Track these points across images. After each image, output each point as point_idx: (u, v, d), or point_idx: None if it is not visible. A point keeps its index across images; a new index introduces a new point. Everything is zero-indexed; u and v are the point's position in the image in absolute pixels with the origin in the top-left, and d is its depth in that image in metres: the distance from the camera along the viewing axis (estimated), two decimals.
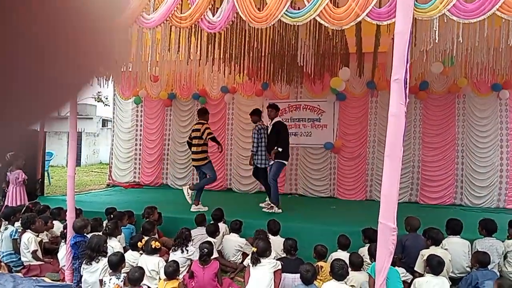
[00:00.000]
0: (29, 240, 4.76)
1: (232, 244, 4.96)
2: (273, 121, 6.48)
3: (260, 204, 6.58)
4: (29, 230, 4.86)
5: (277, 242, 4.59)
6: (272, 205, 6.29)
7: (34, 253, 4.76)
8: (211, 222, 5.19)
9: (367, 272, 3.73)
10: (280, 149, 6.24)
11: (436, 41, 3.89)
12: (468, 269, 4.38)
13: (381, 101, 8.12)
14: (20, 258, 4.91)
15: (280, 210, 6.24)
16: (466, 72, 7.03)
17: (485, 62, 6.04)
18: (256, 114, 6.84)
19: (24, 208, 5.77)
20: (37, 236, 4.92)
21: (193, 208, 6.34)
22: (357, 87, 8.25)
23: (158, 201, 6.55)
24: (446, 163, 7.95)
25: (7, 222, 5.16)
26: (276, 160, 6.31)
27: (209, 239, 4.63)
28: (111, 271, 3.92)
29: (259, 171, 6.78)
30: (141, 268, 3.89)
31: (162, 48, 5.38)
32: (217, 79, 8.88)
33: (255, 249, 3.94)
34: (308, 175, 8.61)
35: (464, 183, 7.87)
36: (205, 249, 4.08)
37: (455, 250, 4.43)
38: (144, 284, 4.01)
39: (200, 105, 9.50)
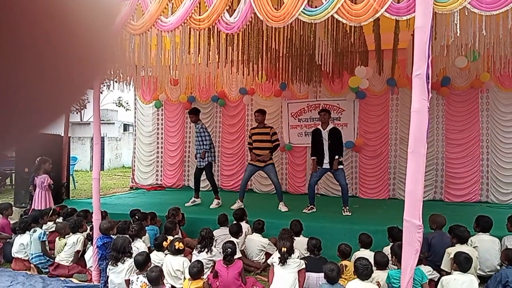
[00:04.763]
0: (79, 240, 4.99)
1: (255, 244, 4.97)
2: (329, 127, 6.36)
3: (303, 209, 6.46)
4: (78, 233, 5.09)
5: (300, 242, 4.58)
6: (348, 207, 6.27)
7: (77, 252, 4.96)
8: (234, 222, 5.22)
9: (386, 282, 3.67)
10: (341, 159, 6.29)
11: (458, 34, 3.83)
12: (499, 267, 4.28)
13: (402, 98, 8.01)
14: (48, 260, 5.03)
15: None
16: (489, 66, 6.89)
17: (508, 55, 5.91)
18: (195, 113, 7.13)
19: (51, 211, 5.91)
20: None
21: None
22: (376, 84, 8.16)
23: (180, 203, 6.63)
24: (471, 159, 7.79)
25: (34, 225, 5.30)
26: (341, 167, 6.32)
27: (232, 239, 4.65)
28: (137, 270, 3.99)
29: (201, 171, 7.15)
30: (157, 267, 3.93)
31: (181, 51, 5.45)
32: (235, 80, 8.93)
33: (285, 249, 3.94)
34: (329, 175, 8.55)
35: (490, 179, 7.69)
36: (228, 249, 4.10)
37: (485, 247, 4.33)
38: (168, 283, 4.06)
39: (219, 107, 9.58)
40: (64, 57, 0.33)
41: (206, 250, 4.40)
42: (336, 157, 6.21)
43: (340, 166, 6.31)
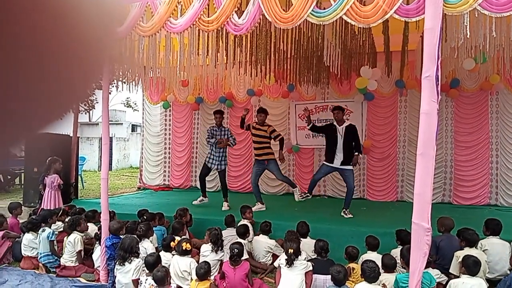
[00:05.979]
0: (76, 240, 4.96)
1: (262, 245, 4.97)
2: (346, 124, 6.24)
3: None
4: (75, 231, 5.06)
5: (307, 244, 4.57)
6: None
7: (79, 252, 4.95)
8: (240, 221, 5.25)
9: (394, 286, 3.65)
10: (361, 155, 6.21)
11: (468, 36, 3.80)
12: (509, 271, 4.24)
13: (411, 100, 7.97)
14: (57, 259, 5.07)
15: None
16: (499, 69, 6.82)
17: None
18: (222, 114, 7.39)
19: (61, 211, 5.95)
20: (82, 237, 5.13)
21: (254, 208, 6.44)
22: (385, 86, 8.12)
23: (187, 203, 6.65)
24: (480, 162, 7.72)
25: (44, 224, 5.34)
26: (351, 168, 6.20)
27: (240, 240, 4.66)
28: (147, 271, 4.00)
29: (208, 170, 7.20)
30: (163, 267, 3.94)
31: (190, 52, 5.47)
32: (243, 82, 8.94)
33: (291, 250, 3.93)
34: (337, 176, 8.52)
35: (499, 182, 7.62)
36: (235, 250, 4.10)
37: (496, 251, 4.29)
38: (174, 284, 4.07)
39: (226, 108, 9.60)
40: (64, 56, 0.33)
41: (215, 251, 4.42)
42: (356, 153, 6.14)
43: (350, 167, 6.20)
